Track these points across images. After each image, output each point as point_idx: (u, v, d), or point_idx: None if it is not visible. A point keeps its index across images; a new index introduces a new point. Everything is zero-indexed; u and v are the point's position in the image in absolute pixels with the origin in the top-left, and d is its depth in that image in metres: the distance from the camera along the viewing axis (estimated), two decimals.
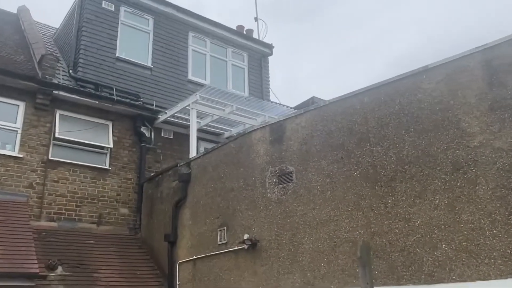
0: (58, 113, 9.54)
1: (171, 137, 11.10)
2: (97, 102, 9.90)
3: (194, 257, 7.63)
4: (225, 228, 7.08)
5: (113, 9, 11.46)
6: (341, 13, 45.07)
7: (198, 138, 10.55)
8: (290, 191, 6.24)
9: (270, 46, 14.91)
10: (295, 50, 44.34)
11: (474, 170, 4.61)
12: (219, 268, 7.04)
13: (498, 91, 4.65)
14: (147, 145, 10.45)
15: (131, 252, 9.06)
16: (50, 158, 9.17)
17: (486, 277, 4.33)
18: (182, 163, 8.68)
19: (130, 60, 11.29)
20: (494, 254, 4.32)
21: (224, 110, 10.36)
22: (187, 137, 10.12)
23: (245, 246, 6.46)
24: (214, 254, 7.19)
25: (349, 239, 5.37)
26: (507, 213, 4.33)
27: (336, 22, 46.43)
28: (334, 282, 5.39)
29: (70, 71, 10.33)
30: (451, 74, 5.01)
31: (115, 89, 10.36)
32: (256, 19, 16.53)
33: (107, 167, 9.91)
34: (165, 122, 10.73)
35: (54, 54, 10.71)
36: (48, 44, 12.27)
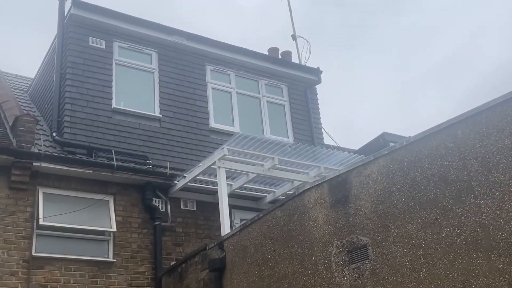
0: (41, 191, 9.78)
1: (194, 208, 11.14)
2: (91, 171, 10.10)
3: None
4: None
5: (103, 46, 11.94)
6: (395, 33, 46.78)
7: (231, 207, 10.55)
8: (367, 272, 6.00)
9: (317, 72, 15.09)
10: (342, 80, 45.86)
11: None
12: None
13: None
14: (162, 224, 10.51)
15: None
16: (34, 254, 9.31)
17: None
18: (212, 245, 8.61)
19: (131, 111, 11.60)
20: None
21: (263, 165, 10.35)
22: (215, 206, 10.12)
23: None
24: None
25: None
26: None
27: (391, 43, 47.81)
28: None
29: (54, 134, 10.68)
30: None
31: (115, 151, 10.60)
32: (294, 37, 16.89)
33: (111, 259, 9.97)
34: (185, 189, 10.80)
35: (31, 113, 11.11)
36: (22, 101, 12.77)
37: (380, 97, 49.24)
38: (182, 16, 46.74)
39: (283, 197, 10.03)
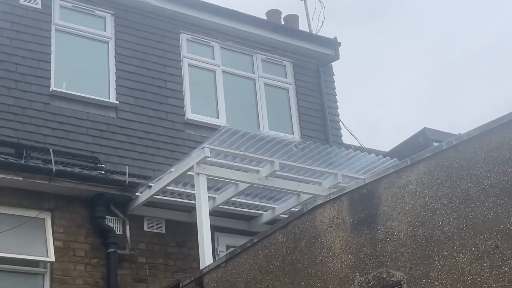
0: None
1: (163, 231, 11.11)
2: (21, 178, 10.00)
3: None
4: None
5: (39, 5, 11.86)
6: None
7: (214, 229, 10.57)
8: None
9: (333, 43, 15.12)
10: (365, 60, 46.27)
11: None
12: None
13: None
14: (119, 251, 10.45)
15: None
16: None
17: None
18: (187, 281, 8.60)
19: (76, 96, 11.57)
20: None
21: (258, 171, 10.33)
22: (192, 228, 10.13)
23: None
24: None
25: None
26: None
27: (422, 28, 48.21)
28: None
29: None
30: None
31: (53, 151, 10.54)
32: None
33: None
34: (150, 203, 10.79)
35: None
36: None
37: (414, 86, 49.40)
38: None
39: (286, 216, 10.00)
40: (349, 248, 6.64)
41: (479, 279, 5.62)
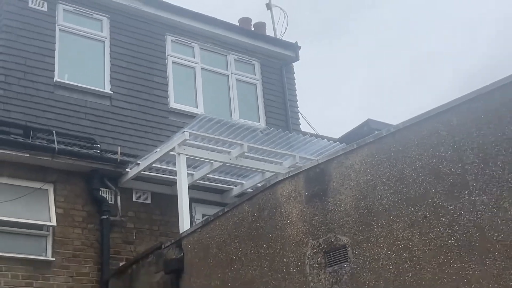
0: None
1: (149, 201, 11.08)
2: (28, 155, 9.93)
3: None
4: None
5: (45, 8, 11.74)
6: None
7: (192, 200, 10.53)
8: (345, 276, 6.05)
9: (294, 47, 15.12)
10: (323, 61, 47.37)
11: None
12: None
13: None
14: (111, 218, 10.43)
15: None
16: None
17: None
18: (168, 243, 8.60)
19: (77, 86, 11.48)
20: None
21: (229, 152, 10.36)
22: (174, 199, 10.09)
23: None
24: None
25: None
26: None
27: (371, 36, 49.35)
28: None
29: None
30: None
31: (56, 132, 10.46)
32: (269, 6, 16.81)
33: (49, 257, 9.85)
34: (138, 178, 10.74)
35: None
36: None
37: (364, 85, 50.73)
38: None
39: (252, 190, 10.02)
40: (303, 217, 6.67)
41: (410, 243, 5.69)
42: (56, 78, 11.28)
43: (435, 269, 5.46)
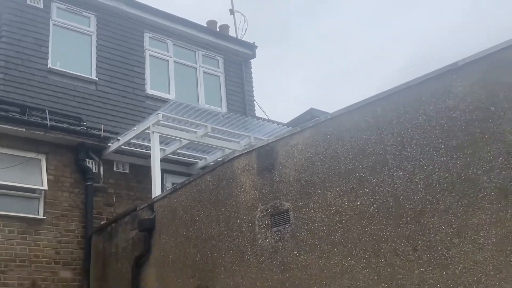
0: None
1: (127, 171, 11.05)
2: (24, 130, 9.82)
3: None
4: None
5: (41, 5, 11.57)
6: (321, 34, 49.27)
7: (163, 171, 10.55)
8: (287, 235, 6.17)
9: (252, 46, 15.12)
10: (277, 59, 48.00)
11: None
12: None
13: None
14: (94, 184, 10.38)
15: None
16: None
17: None
18: (142, 206, 8.61)
19: (67, 72, 11.34)
20: None
21: (196, 132, 10.38)
22: (148, 170, 10.10)
23: None
24: None
25: None
26: None
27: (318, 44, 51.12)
28: None
29: None
30: (490, 72, 5.03)
31: (49, 111, 10.36)
32: (232, 11, 16.80)
33: (41, 216, 9.79)
34: (118, 152, 10.69)
35: None
36: None
37: (310, 80, 51.56)
38: None
39: (214, 164, 10.07)
40: (255, 186, 6.74)
41: (340, 209, 5.80)
42: (49, 65, 11.15)
43: (359, 230, 5.59)
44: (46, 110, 10.33)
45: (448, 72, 5.32)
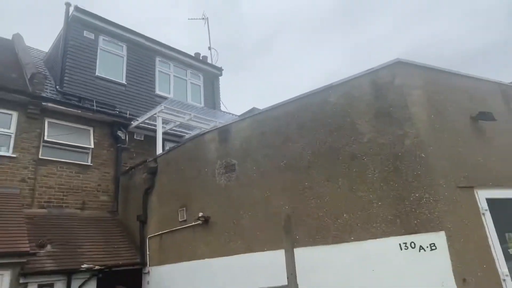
0: (46, 121, 8.95)
1: (142, 139, 10.73)
2: (80, 111, 9.38)
3: (161, 232, 7.42)
4: (184, 208, 6.94)
5: (93, 37, 10.94)
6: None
7: (164, 140, 10.30)
8: (233, 178, 6.20)
9: (220, 69, 14.82)
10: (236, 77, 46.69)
11: (365, 160, 4.76)
12: (180, 240, 6.89)
13: (381, 102, 4.85)
14: (122, 146, 10.04)
15: (110, 230, 8.66)
16: (40, 157, 8.58)
17: (375, 236, 4.49)
18: (150, 159, 8.43)
19: (107, 78, 10.82)
20: (380, 220, 4.51)
21: (184, 117, 10.17)
22: (155, 139, 9.84)
23: (200, 222, 6.37)
24: (176, 229, 7.02)
25: (277, 213, 5.40)
26: (388, 189, 4.55)
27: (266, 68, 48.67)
28: (267, 245, 5.41)
29: (57, 87, 9.72)
30: (348, 91, 5.17)
31: (95, 101, 9.89)
32: (209, 48, 16.44)
33: (89, 163, 9.42)
34: (137, 127, 10.35)
35: (43, 73, 10.03)
36: (39, 65, 11.47)
37: (255, 88, 50.01)
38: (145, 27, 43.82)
39: (194, 136, 9.91)
40: (217, 150, 6.68)
41: (265, 165, 5.81)
42: (97, 73, 10.57)
43: (274, 176, 5.65)
44: (94, 100, 9.85)
45: (326, 89, 5.41)
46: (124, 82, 11.18)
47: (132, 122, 10.22)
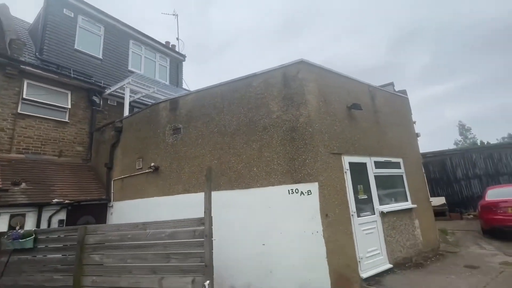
0: (26, 81, 7.62)
1: (115, 104, 9.64)
2: (57, 76, 8.10)
3: (122, 177, 6.90)
4: (141, 159, 6.47)
5: (72, 16, 9.32)
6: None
7: (134, 107, 9.43)
8: (179, 138, 5.86)
9: (184, 56, 13.67)
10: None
11: (272, 130, 4.73)
12: (136, 183, 6.47)
13: (287, 89, 4.77)
14: (97, 108, 8.96)
15: (83, 174, 7.88)
16: (19, 111, 7.35)
17: (273, 184, 4.57)
18: (118, 120, 7.66)
19: (85, 52, 9.42)
20: (278, 173, 4.56)
21: (149, 90, 9.30)
22: (124, 104, 8.91)
23: (152, 170, 5.97)
24: (134, 175, 6.56)
25: (208, 165, 5.23)
26: (285, 152, 4.56)
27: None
28: (200, 189, 5.28)
29: (37, 54, 8.25)
30: (267, 79, 5.00)
31: (73, 70, 8.60)
32: (177, 39, 15.05)
33: (67, 120, 8.29)
34: (111, 94, 9.27)
35: (22, 39, 8.41)
36: (23, 34, 9.60)
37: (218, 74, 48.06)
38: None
39: (152, 104, 9.19)
40: (167, 116, 6.23)
41: (202, 130, 5.51)
42: (75, 47, 9.12)
43: (208, 139, 5.37)
44: (71, 69, 8.54)
45: (251, 76, 5.17)
46: (100, 57, 9.84)
47: (105, 90, 9.13)
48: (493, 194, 6.89)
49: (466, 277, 4.10)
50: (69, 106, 8.34)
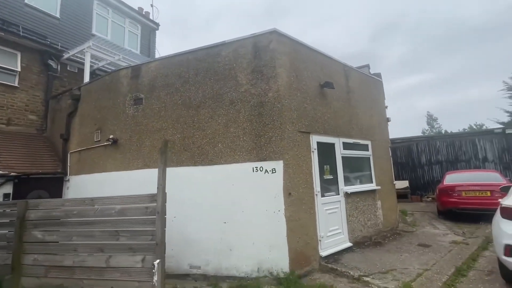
0: None
1: (76, 71, 8.76)
2: (3, 34, 7.06)
3: (79, 149, 6.34)
4: (99, 131, 5.93)
5: None
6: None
7: (97, 74, 8.56)
8: (140, 109, 5.39)
9: (157, 24, 12.62)
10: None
11: (239, 105, 4.45)
12: (94, 156, 5.96)
13: (257, 61, 4.44)
14: (54, 74, 8.07)
15: (37, 145, 7.17)
16: None
17: (237, 161, 4.36)
18: (75, 87, 6.93)
19: (38, 8, 8.29)
20: (243, 150, 4.33)
21: (114, 57, 8.48)
22: (84, 70, 8.07)
23: (110, 143, 5.48)
24: (92, 147, 6.03)
25: (171, 140, 4.87)
26: (251, 128, 4.31)
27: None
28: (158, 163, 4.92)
29: None
30: (236, 48, 4.62)
31: (23, 27, 7.54)
32: (151, 5, 13.77)
33: (16, 85, 7.38)
34: (71, 60, 8.37)
35: None
36: None
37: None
38: None
39: (112, 71, 8.43)
40: (128, 85, 5.71)
41: (165, 101, 5.10)
42: (26, 1, 7.96)
43: (172, 111, 4.99)
44: (20, 26, 7.49)
45: (220, 45, 4.77)
46: (58, 16, 8.73)
47: (64, 54, 8.18)
48: (451, 178, 7.21)
49: (418, 255, 4.29)
50: (19, 69, 7.41)
